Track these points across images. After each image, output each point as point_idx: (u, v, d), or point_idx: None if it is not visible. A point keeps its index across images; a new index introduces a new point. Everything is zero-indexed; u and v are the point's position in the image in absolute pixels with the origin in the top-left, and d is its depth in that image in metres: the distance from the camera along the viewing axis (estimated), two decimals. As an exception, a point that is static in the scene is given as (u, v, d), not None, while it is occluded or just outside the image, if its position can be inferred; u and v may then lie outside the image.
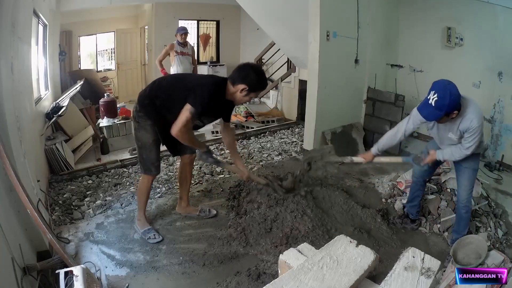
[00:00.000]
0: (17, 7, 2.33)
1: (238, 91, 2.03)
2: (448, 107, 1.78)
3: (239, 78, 2.02)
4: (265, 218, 2.37)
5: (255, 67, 2.12)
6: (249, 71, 2.02)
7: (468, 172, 2.15)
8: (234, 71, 2.07)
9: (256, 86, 2.03)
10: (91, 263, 2.01)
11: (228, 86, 2.07)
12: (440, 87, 1.80)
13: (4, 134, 1.78)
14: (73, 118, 4.07)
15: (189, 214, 2.63)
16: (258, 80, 2.04)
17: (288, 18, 4.32)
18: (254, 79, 2.01)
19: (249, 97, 2.07)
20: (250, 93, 2.04)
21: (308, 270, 1.22)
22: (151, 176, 2.31)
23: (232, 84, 2.04)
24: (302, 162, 2.63)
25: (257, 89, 2.06)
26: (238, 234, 2.30)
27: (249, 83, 2.00)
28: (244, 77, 2.01)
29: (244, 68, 2.06)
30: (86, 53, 7.11)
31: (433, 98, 1.79)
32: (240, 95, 2.05)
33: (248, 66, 2.08)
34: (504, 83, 3.57)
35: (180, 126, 1.94)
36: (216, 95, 2.03)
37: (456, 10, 3.82)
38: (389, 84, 4.52)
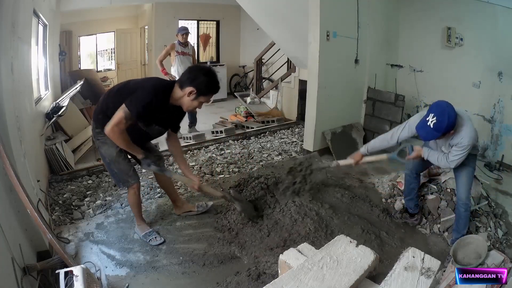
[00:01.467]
0: (17, 7, 2.33)
1: (185, 94, 1.92)
2: (446, 129, 1.88)
3: (187, 81, 1.91)
4: (261, 229, 2.38)
5: (206, 69, 1.99)
6: (198, 73, 1.92)
7: (466, 170, 2.17)
8: (183, 73, 1.99)
9: (205, 89, 1.92)
10: (91, 263, 2.01)
11: (175, 89, 1.96)
12: (438, 110, 1.88)
13: (4, 134, 1.78)
14: (73, 118, 4.07)
15: (188, 213, 2.63)
16: (208, 82, 1.92)
17: (288, 18, 4.32)
18: (203, 82, 1.90)
19: (198, 102, 1.95)
20: (199, 97, 1.93)
21: (308, 270, 1.22)
22: (134, 186, 2.22)
23: (180, 87, 1.94)
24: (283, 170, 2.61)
25: (206, 92, 1.94)
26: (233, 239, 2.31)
27: (198, 85, 1.89)
28: (193, 79, 1.90)
29: (194, 70, 1.98)
30: (86, 53, 7.12)
31: (432, 121, 1.88)
32: (187, 99, 1.94)
33: (198, 68, 2.01)
34: (504, 83, 3.57)
35: (112, 125, 1.86)
36: (157, 98, 1.91)
37: (456, 10, 3.82)
38: (389, 84, 4.52)
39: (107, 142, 2.07)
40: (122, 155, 2.15)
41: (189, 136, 4.34)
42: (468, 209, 2.21)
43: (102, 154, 2.16)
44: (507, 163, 3.64)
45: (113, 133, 1.88)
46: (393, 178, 3.19)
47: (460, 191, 2.20)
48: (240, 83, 7.98)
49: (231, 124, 5.02)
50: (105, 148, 2.11)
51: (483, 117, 3.76)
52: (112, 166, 2.15)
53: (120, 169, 2.15)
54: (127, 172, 2.18)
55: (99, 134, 2.08)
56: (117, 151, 2.11)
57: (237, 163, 3.72)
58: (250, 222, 2.42)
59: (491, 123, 3.73)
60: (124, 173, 2.17)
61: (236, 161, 3.76)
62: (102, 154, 2.16)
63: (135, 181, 2.22)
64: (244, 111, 5.66)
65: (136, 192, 2.26)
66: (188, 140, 4.30)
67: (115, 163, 2.13)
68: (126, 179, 2.18)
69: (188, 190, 3.06)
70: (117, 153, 2.12)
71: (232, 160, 3.78)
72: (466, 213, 2.21)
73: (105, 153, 2.13)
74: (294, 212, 2.46)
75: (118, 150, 2.11)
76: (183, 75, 1.99)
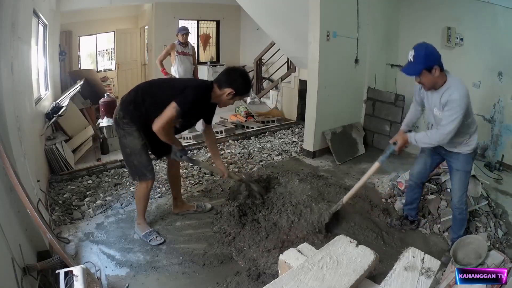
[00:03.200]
0: (17, 7, 2.32)
1: (224, 94, 2.10)
2: (425, 58, 1.81)
3: (226, 82, 2.08)
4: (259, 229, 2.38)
5: (243, 72, 2.18)
6: (237, 76, 2.10)
7: (459, 174, 2.10)
8: (221, 74, 2.14)
9: (242, 91, 2.12)
10: (91, 263, 2.01)
11: (214, 89, 2.12)
12: (417, 45, 1.87)
13: (4, 134, 1.78)
14: (73, 118, 4.07)
15: (186, 212, 2.64)
16: (244, 85, 2.12)
17: (288, 18, 4.32)
18: (240, 84, 2.09)
19: (233, 101, 2.16)
20: (235, 97, 2.13)
21: (308, 270, 1.22)
22: (149, 181, 2.26)
23: (219, 87, 2.11)
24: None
25: (242, 93, 2.15)
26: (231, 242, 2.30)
27: (236, 87, 2.08)
28: (232, 81, 2.08)
29: (232, 72, 2.13)
30: (86, 53, 7.12)
31: (411, 55, 1.85)
32: (225, 98, 2.13)
33: (236, 71, 2.16)
34: (504, 83, 3.57)
35: (163, 123, 1.98)
36: (203, 97, 2.11)
37: (456, 10, 3.82)
38: (389, 84, 4.52)
39: (133, 134, 2.13)
40: (145, 149, 2.20)
41: (189, 136, 4.34)
42: (462, 213, 2.15)
43: (124, 144, 2.18)
44: (507, 163, 3.64)
45: (163, 130, 2.00)
46: (393, 178, 3.19)
47: (452, 195, 2.16)
48: (240, 83, 7.97)
49: (231, 124, 5.02)
50: (130, 139, 2.14)
51: (483, 117, 3.76)
52: (133, 157, 2.18)
53: (141, 162, 2.19)
54: (147, 166, 2.22)
55: (126, 125, 2.12)
56: (142, 143, 2.16)
57: (237, 163, 3.72)
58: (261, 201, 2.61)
59: (491, 123, 3.73)
60: (144, 167, 2.21)
61: (236, 161, 3.76)
62: (124, 144, 2.18)
63: (152, 176, 2.26)
64: (244, 111, 5.66)
65: (149, 187, 2.30)
66: (188, 140, 4.30)
67: (137, 155, 2.17)
68: (144, 172, 2.22)
69: (189, 190, 3.06)
70: (142, 146, 2.17)
71: (232, 160, 3.78)
72: (460, 217, 2.16)
73: (128, 144, 2.15)
74: (291, 213, 2.46)
75: (143, 143, 2.17)
76: (221, 75, 2.13)
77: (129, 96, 2.16)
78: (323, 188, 2.93)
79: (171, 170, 2.55)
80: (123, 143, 2.18)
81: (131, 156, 2.18)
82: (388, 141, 2.29)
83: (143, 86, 2.20)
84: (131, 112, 2.10)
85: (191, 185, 3.17)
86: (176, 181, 2.61)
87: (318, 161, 3.82)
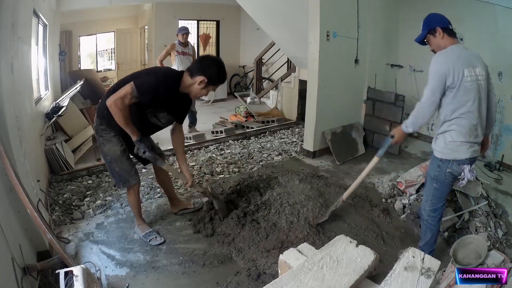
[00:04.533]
0: (17, 7, 2.33)
1: (196, 83, 1.99)
2: (427, 22, 1.85)
3: (199, 70, 1.98)
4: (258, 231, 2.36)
5: (217, 60, 2.08)
6: (210, 63, 2.02)
7: (427, 178, 1.98)
8: (194, 62, 2.07)
9: (215, 79, 2.02)
10: (91, 263, 2.01)
11: (184, 77, 2.02)
12: None
13: (4, 134, 1.78)
14: (73, 118, 4.07)
15: (185, 211, 2.63)
16: (218, 73, 2.02)
17: (288, 18, 4.32)
18: (214, 72, 1.99)
19: (206, 90, 2.04)
20: (209, 86, 2.02)
21: (308, 270, 1.22)
22: (134, 186, 2.23)
23: (190, 75, 2.00)
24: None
25: (216, 82, 2.04)
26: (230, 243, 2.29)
27: (209, 75, 1.98)
28: (205, 69, 1.98)
29: (205, 60, 2.06)
30: (86, 53, 7.13)
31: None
32: (197, 88, 2.01)
33: (210, 58, 2.10)
34: (504, 83, 3.57)
35: (116, 97, 1.83)
36: (167, 84, 1.96)
37: (456, 10, 3.82)
38: (389, 84, 4.52)
39: (112, 140, 2.07)
40: (125, 155, 2.14)
41: (189, 136, 4.34)
42: (428, 225, 2.00)
43: (104, 153, 2.13)
44: (507, 163, 3.64)
45: (115, 106, 1.84)
46: (393, 178, 3.19)
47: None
48: (240, 83, 7.99)
49: (231, 124, 5.02)
50: (109, 146, 2.09)
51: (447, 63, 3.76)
52: (114, 165, 2.13)
53: (122, 169, 2.14)
54: (129, 172, 2.16)
55: (104, 131, 2.06)
56: (121, 150, 2.10)
57: (237, 163, 3.72)
58: (220, 217, 2.46)
59: (491, 123, 3.73)
60: (126, 173, 2.15)
61: (236, 161, 3.76)
62: (104, 153, 2.13)
63: (136, 181, 2.21)
64: (244, 111, 5.66)
65: (136, 192, 2.26)
66: (188, 140, 4.30)
67: (117, 162, 2.11)
68: (127, 178, 2.17)
69: (189, 190, 3.06)
70: (121, 152, 2.11)
71: (232, 160, 3.78)
72: (426, 227, 2.02)
73: (108, 152, 2.10)
74: (289, 213, 2.46)
75: (122, 149, 2.11)
76: (194, 64, 2.06)
77: (102, 102, 2.06)
78: (323, 188, 2.93)
79: (158, 175, 2.52)
80: (103, 151, 2.13)
81: (111, 163, 2.13)
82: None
83: (112, 88, 2.05)
84: (106, 117, 2.00)
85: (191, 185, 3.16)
86: (167, 183, 2.58)
87: (318, 161, 3.82)
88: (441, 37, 1.81)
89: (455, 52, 1.76)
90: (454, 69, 1.69)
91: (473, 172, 1.78)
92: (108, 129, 2.04)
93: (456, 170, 1.81)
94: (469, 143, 1.77)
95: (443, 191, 1.93)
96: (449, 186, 1.94)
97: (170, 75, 2.02)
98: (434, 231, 2.02)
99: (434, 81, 1.74)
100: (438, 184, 1.90)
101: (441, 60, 1.74)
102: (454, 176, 1.86)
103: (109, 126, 2.04)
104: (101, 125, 2.07)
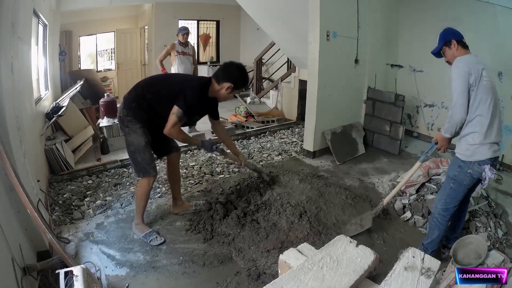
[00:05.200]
0: (17, 7, 2.33)
1: (223, 89, 2.17)
2: (443, 35, 1.98)
3: (224, 77, 2.15)
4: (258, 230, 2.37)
5: (239, 66, 2.24)
6: (234, 70, 2.18)
7: (445, 178, 2.03)
8: (219, 70, 2.23)
9: (240, 84, 2.19)
10: (91, 263, 2.01)
11: (212, 84, 2.19)
12: None
13: (4, 134, 1.78)
14: (73, 118, 4.07)
15: (186, 212, 2.63)
16: (242, 78, 2.20)
17: (288, 18, 4.32)
18: (238, 77, 2.17)
19: (232, 94, 2.23)
20: (234, 90, 2.20)
21: (308, 270, 1.22)
22: (151, 178, 2.29)
23: (217, 82, 2.17)
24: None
25: (241, 86, 2.22)
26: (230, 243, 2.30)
27: (234, 81, 2.15)
28: (230, 75, 2.15)
29: (229, 67, 2.20)
30: (86, 53, 7.12)
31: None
32: (225, 93, 2.19)
33: (233, 65, 2.21)
34: (504, 83, 3.57)
35: (169, 128, 2.10)
36: (202, 95, 2.18)
37: (456, 10, 3.82)
38: (389, 84, 4.52)
39: (137, 131, 2.18)
40: (148, 147, 2.25)
41: (189, 136, 4.34)
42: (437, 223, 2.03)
43: (128, 142, 2.22)
44: (507, 163, 3.64)
45: (173, 133, 2.13)
46: (393, 178, 3.19)
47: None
48: (240, 83, 7.98)
49: (231, 124, 5.02)
50: (134, 136, 2.19)
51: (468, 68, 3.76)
52: (137, 154, 2.22)
53: (144, 159, 2.23)
54: (150, 163, 2.26)
55: (130, 122, 2.18)
56: (146, 141, 2.21)
57: (237, 163, 3.72)
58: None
59: (491, 123, 3.73)
60: (147, 163, 2.25)
61: (236, 161, 3.76)
62: (128, 142, 2.22)
63: (154, 173, 2.31)
64: (244, 111, 5.66)
65: (150, 184, 2.33)
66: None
67: (140, 152, 2.22)
68: (147, 169, 2.26)
69: (188, 190, 3.06)
70: (146, 143, 2.21)
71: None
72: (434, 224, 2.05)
73: (132, 141, 2.20)
74: (290, 214, 2.46)
75: (147, 140, 2.22)
76: (219, 71, 2.22)
77: (130, 94, 2.22)
78: (323, 188, 2.93)
79: (171, 170, 2.56)
80: (128, 140, 2.22)
81: (135, 153, 2.23)
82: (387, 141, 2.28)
83: (142, 83, 2.26)
84: (133, 110, 2.16)
85: (191, 185, 3.17)
86: (177, 181, 2.62)
87: (318, 161, 3.82)
88: (455, 48, 1.95)
89: (472, 57, 1.91)
90: (474, 69, 1.81)
91: (493, 171, 1.85)
92: (134, 120, 2.17)
93: (477, 171, 1.86)
94: (490, 144, 1.85)
95: (458, 191, 1.97)
96: (465, 188, 1.97)
97: (203, 86, 2.19)
98: (441, 231, 2.06)
99: (459, 83, 1.83)
100: (456, 184, 1.95)
101: (461, 63, 1.87)
102: (473, 178, 1.91)
103: (135, 118, 2.17)
104: (128, 116, 2.18)
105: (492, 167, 1.85)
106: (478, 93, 1.83)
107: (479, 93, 1.83)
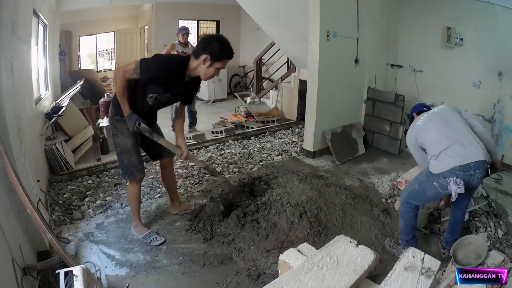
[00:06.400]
0: (17, 7, 2.32)
1: (201, 62, 1.97)
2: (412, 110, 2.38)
3: (201, 49, 1.96)
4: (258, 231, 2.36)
5: (217, 36, 2.08)
6: (210, 40, 1.98)
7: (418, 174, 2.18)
8: (196, 44, 2.11)
9: (218, 54, 1.95)
10: (91, 263, 2.01)
11: (191, 61, 2.01)
12: None
13: (4, 134, 1.78)
14: (73, 118, 4.07)
15: (185, 212, 2.63)
16: (220, 48, 1.95)
17: (288, 18, 4.32)
18: (215, 47, 1.94)
19: (213, 68, 1.98)
20: (214, 63, 1.96)
21: (308, 270, 1.22)
22: (137, 180, 2.26)
23: (195, 57, 1.98)
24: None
25: (220, 57, 1.97)
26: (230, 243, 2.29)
27: (211, 51, 1.93)
28: (205, 46, 1.95)
29: (205, 38, 2.04)
30: (86, 53, 7.13)
31: None
32: (203, 67, 1.98)
33: (209, 36, 2.06)
34: (504, 83, 3.57)
35: (121, 68, 2.01)
36: (171, 65, 1.99)
37: (456, 10, 3.82)
38: (389, 84, 4.52)
39: (124, 132, 2.11)
40: (135, 149, 2.19)
41: (189, 136, 4.34)
42: (403, 210, 2.09)
43: (115, 143, 2.17)
44: (507, 163, 3.63)
45: (117, 75, 1.98)
46: (393, 178, 3.19)
47: None
48: (240, 83, 7.98)
49: (231, 124, 5.02)
50: (121, 137, 2.13)
51: (483, 117, 3.76)
52: (123, 156, 2.17)
53: (130, 161, 2.18)
54: (136, 166, 2.20)
55: (118, 122, 2.11)
56: (132, 143, 2.15)
57: (237, 163, 3.72)
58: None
59: (491, 123, 3.73)
60: (133, 166, 2.19)
61: (236, 161, 3.76)
62: (115, 143, 2.17)
63: (140, 176, 2.25)
64: (244, 111, 5.66)
65: (138, 187, 2.29)
66: (188, 140, 4.30)
67: (126, 154, 2.16)
68: (133, 172, 2.20)
69: (188, 190, 3.06)
70: (132, 145, 2.15)
71: (232, 160, 3.78)
72: (402, 210, 2.10)
73: (119, 143, 2.14)
74: (290, 214, 2.46)
75: (134, 142, 2.15)
76: (196, 45, 2.08)
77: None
78: (323, 188, 2.93)
79: (164, 174, 2.53)
80: (115, 141, 2.18)
81: (121, 155, 2.17)
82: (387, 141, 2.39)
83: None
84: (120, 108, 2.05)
85: (191, 185, 3.17)
86: (171, 182, 2.59)
87: (318, 161, 3.82)
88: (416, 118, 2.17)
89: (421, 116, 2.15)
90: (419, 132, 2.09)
91: (458, 184, 1.78)
92: (122, 120, 2.08)
93: (442, 184, 1.88)
94: (453, 153, 1.83)
95: (420, 195, 2.03)
96: (427, 198, 2.03)
97: (173, 58, 2.07)
98: (406, 221, 2.09)
99: (411, 147, 2.19)
100: (420, 188, 2.02)
101: (411, 132, 2.15)
102: (439, 192, 1.93)
103: (123, 117, 2.07)
104: (116, 115, 2.11)
105: (456, 179, 1.78)
106: (427, 144, 1.98)
107: (428, 144, 1.97)
